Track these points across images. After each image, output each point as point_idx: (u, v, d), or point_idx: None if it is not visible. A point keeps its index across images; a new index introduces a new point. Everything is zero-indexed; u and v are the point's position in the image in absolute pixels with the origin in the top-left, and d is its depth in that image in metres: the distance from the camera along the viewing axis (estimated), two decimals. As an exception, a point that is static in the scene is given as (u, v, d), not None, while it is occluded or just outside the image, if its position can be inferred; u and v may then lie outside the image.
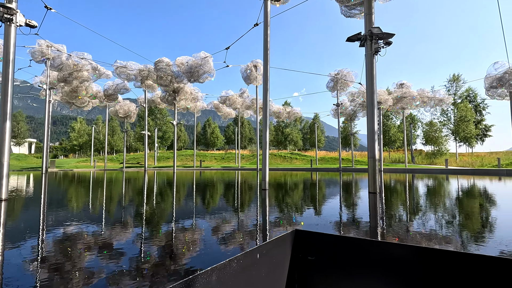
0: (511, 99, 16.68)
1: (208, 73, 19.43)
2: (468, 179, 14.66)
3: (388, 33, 7.21)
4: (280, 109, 34.26)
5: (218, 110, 36.05)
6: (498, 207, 5.96)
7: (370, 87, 7.36)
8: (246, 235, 3.45)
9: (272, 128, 76.37)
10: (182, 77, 19.88)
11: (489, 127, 47.91)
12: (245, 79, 24.52)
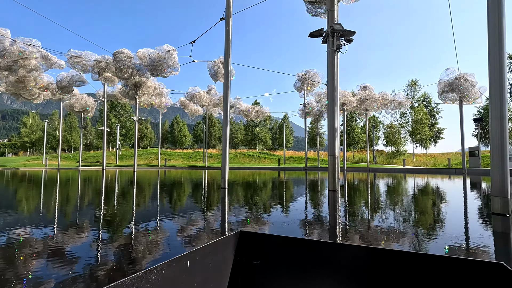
0: (460, 104, 17.98)
1: (173, 68, 18.56)
2: (422, 177, 15.50)
3: (350, 31, 7.19)
4: (249, 108, 34.02)
5: (185, 107, 34.90)
6: (446, 202, 6.16)
7: (332, 84, 7.30)
8: (184, 239, 3.05)
9: (242, 127, 76.09)
10: (144, 70, 18.77)
11: (442, 130, 51.80)
12: (212, 75, 23.89)
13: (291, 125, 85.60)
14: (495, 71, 4.32)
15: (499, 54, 4.31)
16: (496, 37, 4.33)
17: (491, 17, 4.37)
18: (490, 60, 4.39)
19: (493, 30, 4.36)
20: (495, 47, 4.29)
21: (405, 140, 45.08)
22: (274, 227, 3.67)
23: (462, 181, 12.71)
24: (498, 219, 4.04)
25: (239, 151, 53.46)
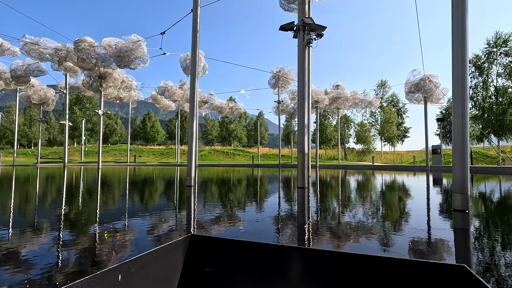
0: (425, 104, 18.86)
1: (141, 59, 17.61)
2: (389, 174, 16.04)
3: (320, 25, 7.07)
4: (223, 104, 33.46)
5: (156, 102, 33.58)
6: (410, 199, 6.26)
7: (302, 79, 7.14)
8: (124, 245, 2.68)
9: (217, 124, 75.11)
10: (110, 61, 17.62)
11: (408, 129, 54.52)
12: (184, 69, 23.08)
13: (267, 122, 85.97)
14: (458, 70, 4.36)
15: (462, 53, 4.35)
16: (459, 35, 4.36)
17: (455, 16, 4.40)
18: (453, 59, 4.41)
19: (456, 28, 4.38)
20: (459, 45, 4.31)
21: (374, 138, 46.91)
22: (233, 229, 3.40)
23: (425, 178, 13.27)
24: (458, 215, 4.08)
25: (213, 148, 52.69)
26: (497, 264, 2.29)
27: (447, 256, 2.54)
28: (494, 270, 2.17)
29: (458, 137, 4.19)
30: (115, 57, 17.34)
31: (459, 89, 4.33)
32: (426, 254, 2.56)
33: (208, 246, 2.72)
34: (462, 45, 4.36)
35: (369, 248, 2.70)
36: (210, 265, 2.71)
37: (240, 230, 3.32)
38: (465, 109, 4.28)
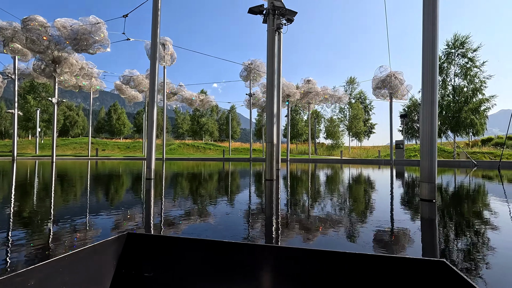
0: (390, 99, 19.56)
1: (101, 44, 16.21)
2: (356, 167, 16.42)
3: (291, 10, 6.74)
4: (193, 96, 32.34)
5: (121, 92, 31.59)
6: (377, 190, 6.23)
7: (271, 66, 6.79)
8: (36, 248, 2.15)
9: (188, 117, 73.10)
10: (65, 44, 16.01)
11: (374, 125, 56.96)
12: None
13: (239, 117, 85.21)
14: (428, 59, 4.26)
15: (433, 40, 4.25)
16: (430, 21, 4.24)
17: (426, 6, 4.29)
18: (424, 45, 4.30)
19: (427, 13, 4.26)
20: (429, 27, 4.20)
21: (343, 133, 48.41)
22: (187, 225, 2.97)
23: (390, 171, 13.70)
24: (426, 204, 4.00)
25: (183, 142, 51.14)
26: (470, 252, 2.12)
27: (418, 246, 2.34)
28: (466, 256, 2.08)
29: (426, 127, 4.10)
30: (71, 40, 15.78)
31: (429, 79, 4.25)
32: (396, 245, 2.34)
33: (149, 246, 2.24)
34: (432, 33, 4.25)
35: (337, 241, 2.43)
36: (150, 269, 2.24)
37: (194, 226, 2.90)
38: (434, 98, 4.19)
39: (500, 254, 2.12)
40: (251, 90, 26.39)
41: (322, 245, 2.39)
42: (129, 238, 2.18)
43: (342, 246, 2.32)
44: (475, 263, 1.95)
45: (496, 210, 3.81)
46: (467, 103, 27.18)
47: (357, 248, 2.28)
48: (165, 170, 12.23)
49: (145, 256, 2.14)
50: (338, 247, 2.31)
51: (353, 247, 2.30)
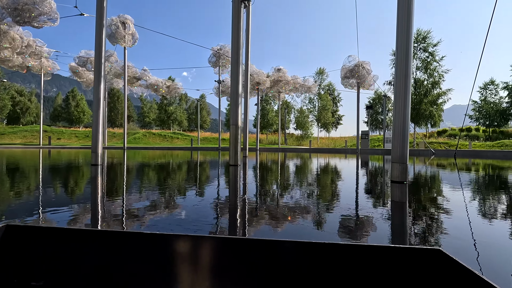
0: (358, 89, 19.89)
1: (48, 16, 14.36)
2: (325, 156, 16.52)
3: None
4: (159, 82, 30.57)
5: (77, 76, 28.93)
6: (347, 176, 6.02)
7: (236, 41, 6.19)
8: None
9: (155, 106, 69.89)
10: (3, 14, 13.94)
11: (341, 117, 58.63)
12: (109, 37, 19.97)
13: (209, 106, 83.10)
14: (402, 41, 4.02)
15: (408, 23, 3.99)
16: (404, 7, 3.95)
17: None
18: (398, 15, 4.00)
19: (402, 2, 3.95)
20: (403, 17, 3.92)
21: (312, 124, 49.23)
22: (132, 214, 2.38)
23: (356, 158, 13.89)
24: (397, 187, 3.76)
25: (148, 131, 48.71)
26: (448, 232, 1.80)
27: (398, 230, 1.98)
28: (445, 235, 1.85)
29: (399, 105, 3.84)
30: (11, 10, 13.75)
31: (403, 48, 4.01)
32: (373, 229, 1.97)
33: (38, 242, 1.59)
34: (407, 17, 3.98)
35: (305, 228, 2.00)
36: (40, 275, 1.60)
37: (134, 214, 2.31)
38: (408, 73, 3.93)
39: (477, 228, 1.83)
40: (220, 77, 25.46)
41: (287, 234, 1.94)
42: (7, 232, 1.53)
43: (311, 233, 1.90)
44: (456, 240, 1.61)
45: (462, 190, 3.66)
46: (427, 95, 28.65)
47: (326, 235, 1.87)
48: (117, 158, 11.22)
49: (32, 257, 1.52)
50: (308, 235, 1.88)
51: (322, 234, 1.88)
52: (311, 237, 1.89)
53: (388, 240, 1.87)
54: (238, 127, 6.09)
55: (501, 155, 17.38)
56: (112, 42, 20.13)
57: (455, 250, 1.65)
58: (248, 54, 12.97)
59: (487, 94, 38.09)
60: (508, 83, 34.74)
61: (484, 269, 1.40)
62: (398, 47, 4.19)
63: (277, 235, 1.91)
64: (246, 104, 13.40)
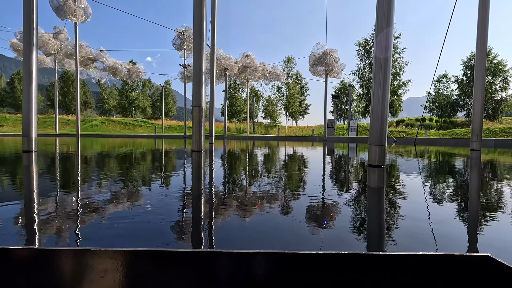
0: (326, 77, 19.99)
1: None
2: (293, 144, 16.44)
3: None
4: (117, 64, 28.23)
5: (20, 54, 25.60)
6: (305, 163, 5.76)
7: (199, 9, 5.48)
8: None
9: (116, 92, 65.35)
10: None
11: (308, 106, 59.62)
12: (56, 10, 17.70)
13: (175, 94, 79.58)
14: (382, 23, 3.66)
15: (389, 4, 3.65)
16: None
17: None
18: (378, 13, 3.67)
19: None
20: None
21: (280, 113, 49.46)
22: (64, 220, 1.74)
23: (323, 146, 13.94)
24: (375, 171, 3.49)
25: (108, 118, 45.38)
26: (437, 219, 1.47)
27: (375, 218, 1.62)
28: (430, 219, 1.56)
29: (379, 82, 3.54)
30: None
31: (383, 27, 3.67)
32: (351, 217, 1.59)
33: None
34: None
35: (276, 216, 1.56)
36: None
37: (71, 218, 1.70)
38: (388, 54, 3.62)
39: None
40: (185, 60, 24.11)
41: (255, 223, 1.49)
42: None
43: (285, 222, 1.46)
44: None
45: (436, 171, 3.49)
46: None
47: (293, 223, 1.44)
48: (63, 145, 10.02)
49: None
50: (281, 224, 1.44)
51: (290, 221, 1.45)
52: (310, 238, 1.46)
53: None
54: (202, 108, 5.47)
55: (453, 142, 18.71)
56: (60, 16, 17.88)
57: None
58: (214, 35, 12.16)
59: (440, 86, 40.87)
60: (458, 77, 37.47)
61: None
62: (379, 26, 3.87)
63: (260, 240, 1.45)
64: (212, 89, 12.67)
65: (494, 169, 4.56)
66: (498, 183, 3.15)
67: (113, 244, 1.30)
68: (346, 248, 1.29)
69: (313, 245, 1.32)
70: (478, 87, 9.24)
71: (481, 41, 9.21)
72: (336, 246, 1.32)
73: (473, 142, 9.27)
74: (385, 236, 1.48)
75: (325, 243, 1.33)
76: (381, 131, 3.53)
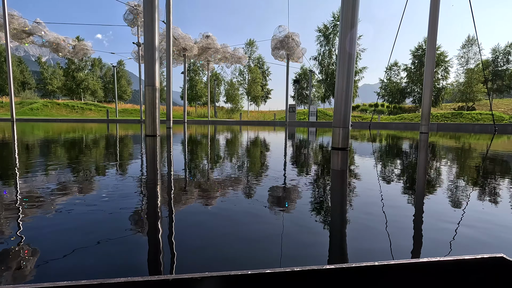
0: (287, 61, 19.95)
1: None
2: (255, 129, 16.31)
3: None
4: (59, 39, 25.08)
5: None
6: (268, 147, 5.63)
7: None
8: None
9: (60, 72, 58.76)
10: None
11: (270, 91, 59.82)
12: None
13: (130, 75, 74.02)
14: (347, 10, 3.48)
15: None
16: None
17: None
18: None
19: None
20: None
21: (242, 97, 48.93)
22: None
23: (285, 130, 14.03)
24: (338, 154, 3.42)
25: (52, 101, 40.78)
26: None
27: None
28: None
29: (343, 66, 3.40)
30: None
31: (347, 24, 3.51)
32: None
33: None
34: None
35: (238, 201, 1.32)
36: None
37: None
38: (353, 36, 3.48)
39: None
40: (139, 38, 22.24)
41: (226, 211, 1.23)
42: None
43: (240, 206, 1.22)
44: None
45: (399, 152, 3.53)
46: (346, 72, 31.08)
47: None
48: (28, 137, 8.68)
49: None
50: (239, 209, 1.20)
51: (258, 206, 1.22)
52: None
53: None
54: (155, 89, 4.93)
55: (403, 126, 20.19)
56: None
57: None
58: (170, 10, 11.22)
59: (391, 74, 43.55)
60: (407, 66, 40.20)
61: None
62: (344, 6, 3.70)
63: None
64: (168, 69, 11.82)
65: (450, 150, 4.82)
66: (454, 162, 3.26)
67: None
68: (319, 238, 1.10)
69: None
70: (427, 75, 9.83)
71: (431, 31, 9.73)
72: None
73: (422, 125, 9.95)
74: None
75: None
76: (345, 113, 3.45)
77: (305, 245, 1.05)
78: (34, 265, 0.90)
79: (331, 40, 31.08)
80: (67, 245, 1.04)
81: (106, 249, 1.01)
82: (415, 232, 1.23)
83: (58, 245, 1.05)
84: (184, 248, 1.03)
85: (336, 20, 30.80)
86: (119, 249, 1.01)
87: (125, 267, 0.89)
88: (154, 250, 1.03)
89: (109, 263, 0.92)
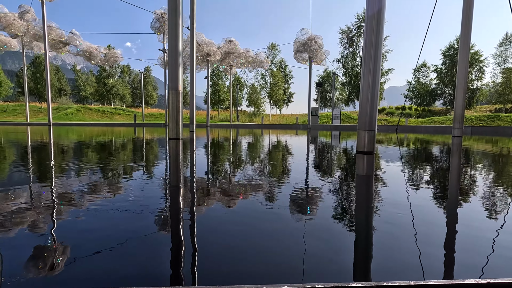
0: (310, 64, 19.72)
1: None
2: (277, 132, 16.23)
3: None
4: (92, 48, 26.61)
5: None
6: (290, 151, 5.52)
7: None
8: None
9: (93, 79, 62.23)
10: None
11: (292, 94, 59.44)
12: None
13: (156, 81, 76.83)
14: (373, 14, 3.36)
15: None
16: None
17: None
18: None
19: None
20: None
21: (264, 101, 49.04)
22: None
23: (307, 133, 13.82)
24: (364, 158, 3.27)
25: (84, 106, 43.26)
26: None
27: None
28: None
29: (369, 60, 3.27)
30: None
31: (374, 11, 3.38)
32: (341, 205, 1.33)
33: None
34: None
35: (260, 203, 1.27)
36: None
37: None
38: (378, 38, 3.35)
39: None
40: (165, 45, 23.03)
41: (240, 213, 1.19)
42: None
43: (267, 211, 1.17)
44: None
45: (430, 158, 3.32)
46: (371, 74, 30.16)
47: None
48: (23, 134, 9.29)
49: None
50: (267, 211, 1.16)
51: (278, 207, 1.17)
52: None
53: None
54: (178, 93, 5.04)
55: (432, 129, 19.15)
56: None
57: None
58: (194, 17, 11.50)
59: (420, 75, 41.65)
60: (437, 66, 38.28)
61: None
62: (369, 6, 3.58)
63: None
64: (192, 74, 12.09)
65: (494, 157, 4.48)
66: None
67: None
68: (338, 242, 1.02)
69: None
70: (461, 76, 9.27)
71: (465, 32, 9.18)
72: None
73: (454, 128, 9.37)
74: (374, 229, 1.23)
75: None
76: (371, 115, 3.29)
77: (328, 259, 0.98)
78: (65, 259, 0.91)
79: (355, 42, 30.36)
80: (90, 242, 1.05)
81: (125, 251, 1.00)
82: (448, 248, 1.11)
83: (85, 241, 1.06)
84: (202, 256, 1.00)
85: (361, 21, 30.05)
86: (137, 252, 1.00)
87: (142, 268, 0.88)
88: (171, 256, 1.01)
89: (130, 263, 0.91)
